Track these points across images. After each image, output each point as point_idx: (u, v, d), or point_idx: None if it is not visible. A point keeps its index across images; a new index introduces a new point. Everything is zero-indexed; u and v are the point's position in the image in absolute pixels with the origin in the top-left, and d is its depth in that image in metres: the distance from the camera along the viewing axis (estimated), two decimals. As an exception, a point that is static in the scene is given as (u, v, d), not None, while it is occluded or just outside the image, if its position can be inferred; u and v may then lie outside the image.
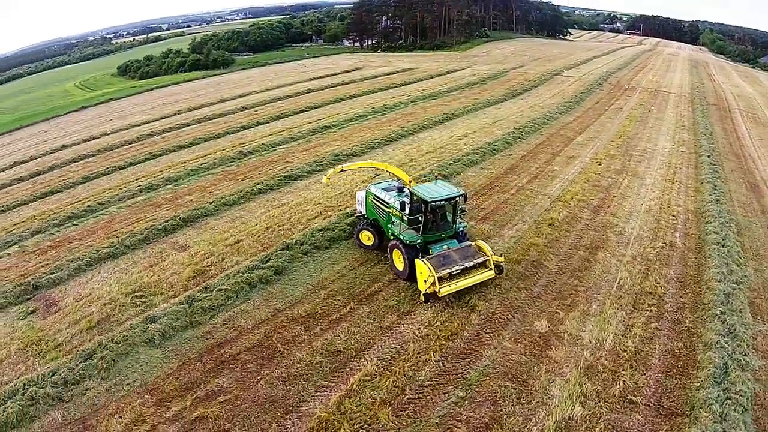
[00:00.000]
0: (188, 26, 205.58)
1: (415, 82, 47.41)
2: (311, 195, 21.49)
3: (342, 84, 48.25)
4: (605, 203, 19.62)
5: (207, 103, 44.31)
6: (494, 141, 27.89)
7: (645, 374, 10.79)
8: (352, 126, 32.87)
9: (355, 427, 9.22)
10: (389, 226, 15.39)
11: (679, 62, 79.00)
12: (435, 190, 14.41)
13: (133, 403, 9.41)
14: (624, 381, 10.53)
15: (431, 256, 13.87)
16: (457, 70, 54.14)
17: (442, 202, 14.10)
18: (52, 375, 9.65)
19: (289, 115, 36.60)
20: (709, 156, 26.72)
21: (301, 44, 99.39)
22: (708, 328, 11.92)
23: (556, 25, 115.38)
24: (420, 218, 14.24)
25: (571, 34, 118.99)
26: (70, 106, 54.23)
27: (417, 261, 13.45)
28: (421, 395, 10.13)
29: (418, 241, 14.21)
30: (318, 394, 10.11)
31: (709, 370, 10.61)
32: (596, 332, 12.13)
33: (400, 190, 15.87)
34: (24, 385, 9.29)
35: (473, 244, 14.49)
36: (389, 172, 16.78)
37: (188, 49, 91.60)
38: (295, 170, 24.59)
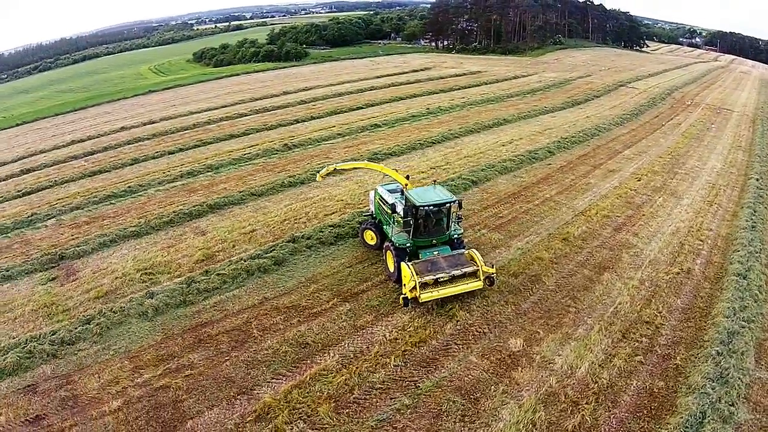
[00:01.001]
0: (272, 17, 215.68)
1: (478, 86, 47.97)
2: (337, 191, 22.35)
3: (407, 83, 49.65)
4: (631, 221, 18.41)
5: (270, 94, 46.88)
6: (537, 149, 27.44)
7: (610, 411, 10.32)
8: (402, 126, 33.75)
9: (293, 416, 9.95)
10: (386, 227, 15.80)
11: (749, 81, 73.68)
12: (427, 195, 14.59)
13: (113, 367, 10.96)
14: (583, 415, 10.17)
15: (418, 260, 14.11)
16: (524, 76, 54.14)
17: (432, 208, 14.22)
18: (53, 334, 11.53)
19: (345, 112, 38.14)
20: (758, 179, 24.50)
21: (379, 41, 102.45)
22: (698, 369, 11.03)
23: (632, 35, 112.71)
24: (411, 222, 14.49)
25: (647, 46, 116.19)
26: (139, 89, 58.40)
27: (402, 264, 13.74)
28: (367, 397, 10.58)
29: (408, 244, 14.49)
30: (273, 380, 10.97)
31: (683, 417, 9.87)
32: (572, 358, 11.73)
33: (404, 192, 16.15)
34: (27, 340, 11.24)
35: (466, 252, 14.46)
36: (385, 174, 17.06)
37: (266, 39, 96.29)
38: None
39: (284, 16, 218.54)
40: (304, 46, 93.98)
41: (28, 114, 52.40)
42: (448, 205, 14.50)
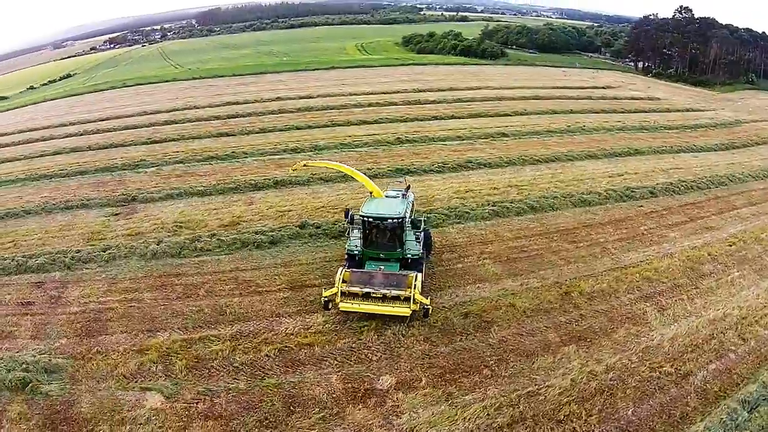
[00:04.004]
0: (502, 13, 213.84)
1: (645, 112, 44.60)
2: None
3: (575, 98, 47.99)
4: (671, 292, 14.06)
5: (435, 88, 49.48)
6: (639, 187, 23.95)
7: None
8: (528, 139, 33.01)
9: (159, 359, 12.50)
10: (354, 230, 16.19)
11: None
12: (377, 207, 14.60)
13: (95, 286, 15.51)
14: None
15: (356, 270, 14.39)
16: (699, 110, 47.78)
17: (371, 220, 14.12)
18: (77, 252, 16.87)
19: (489, 116, 38.44)
20: None
21: (588, 54, 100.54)
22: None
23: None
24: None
25: None
26: (328, 63, 65.13)
27: (339, 268, 14.21)
28: (219, 369, 12.27)
29: (356, 251, 14.78)
30: (176, 330, 13.67)
31: None
32: (423, 421, 10.82)
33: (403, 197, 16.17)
34: (58, 252, 16.80)
35: (410, 275, 13.86)
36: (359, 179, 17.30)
37: (479, 34, 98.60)
38: (415, 166, 26.07)
39: (514, 14, 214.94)
40: (514, 47, 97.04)
41: (213, 69, 64.09)
42: (393, 220, 14.10)
